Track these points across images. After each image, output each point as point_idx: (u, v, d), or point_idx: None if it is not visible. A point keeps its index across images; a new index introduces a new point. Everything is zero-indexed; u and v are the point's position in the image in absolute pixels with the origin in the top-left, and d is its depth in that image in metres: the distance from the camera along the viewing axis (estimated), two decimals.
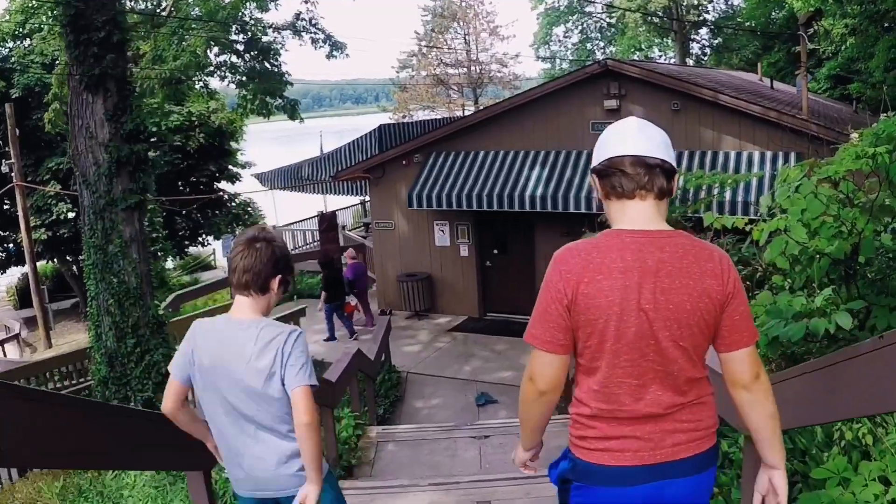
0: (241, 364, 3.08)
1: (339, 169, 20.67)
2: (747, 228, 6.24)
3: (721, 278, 2.31)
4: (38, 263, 23.71)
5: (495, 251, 17.38)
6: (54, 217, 24.08)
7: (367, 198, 20.48)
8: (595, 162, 2.45)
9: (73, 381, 12.38)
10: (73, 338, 22.30)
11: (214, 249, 32.25)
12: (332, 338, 16.42)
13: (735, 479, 5.06)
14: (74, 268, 26.32)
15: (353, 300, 17.20)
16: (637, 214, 2.35)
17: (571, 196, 14.63)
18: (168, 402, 3.23)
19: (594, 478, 2.39)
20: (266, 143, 67.20)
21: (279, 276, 3.17)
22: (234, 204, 30.02)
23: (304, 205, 30.66)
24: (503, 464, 7.86)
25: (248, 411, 3.14)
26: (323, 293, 16.59)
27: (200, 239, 30.15)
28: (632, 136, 2.37)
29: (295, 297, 20.17)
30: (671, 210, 10.21)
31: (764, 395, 2.39)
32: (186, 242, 30.15)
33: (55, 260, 27.41)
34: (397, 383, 13.63)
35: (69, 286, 27.55)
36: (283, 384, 3.08)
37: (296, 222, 27.58)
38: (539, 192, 15.01)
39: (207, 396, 3.20)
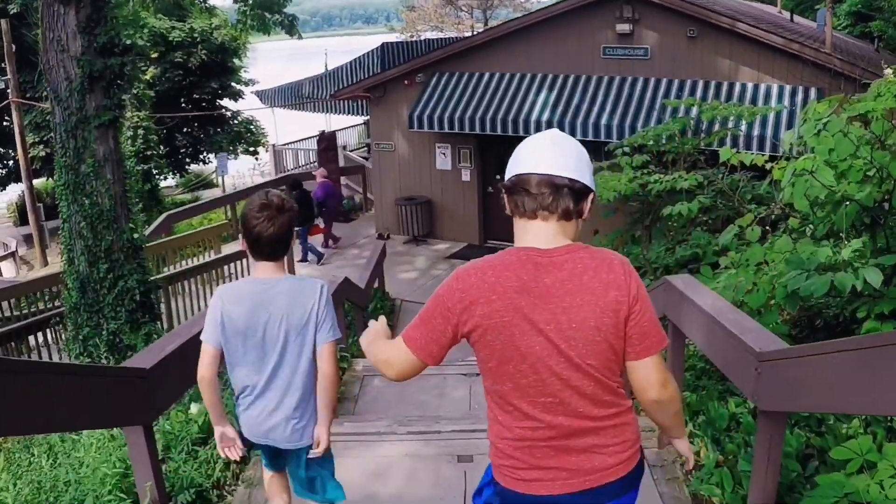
0: (273, 318, 3.20)
1: (340, 87, 19.86)
2: (767, 167, 5.64)
3: (624, 288, 2.23)
4: (37, 180, 23.13)
5: (498, 177, 16.70)
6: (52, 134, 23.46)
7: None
8: (506, 177, 2.34)
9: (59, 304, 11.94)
10: None
11: (217, 167, 31.62)
12: (319, 258, 15.94)
13: (743, 446, 4.55)
14: None
15: (320, 222, 16.66)
16: (538, 235, 2.25)
17: (579, 123, 13.95)
18: (205, 370, 3.29)
19: None
20: (272, 62, 65.78)
21: (295, 231, 3.37)
22: (236, 122, 29.26)
23: (306, 124, 29.72)
24: None
25: (272, 362, 3.26)
26: None
27: (202, 157, 29.44)
28: (542, 153, 2.27)
29: None
30: (684, 142, 9.60)
31: (672, 399, 2.37)
32: (188, 160, 29.51)
33: (54, 177, 26.84)
34: (390, 311, 13.13)
35: None
36: (315, 336, 3.24)
37: (296, 141, 26.71)
38: (545, 117, 14.32)
39: (235, 352, 3.29)
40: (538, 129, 14.32)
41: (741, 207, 7.35)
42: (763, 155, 6.01)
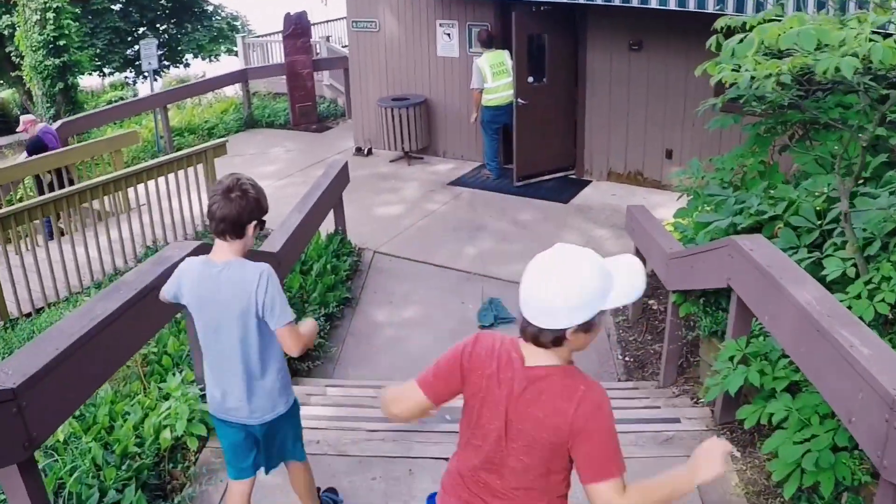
0: (215, 303, 3.09)
1: None
2: None
3: (569, 419, 2.16)
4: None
5: (531, 79, 10.69)
6: None
7: None
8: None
9: None
10: None
11: (205, 73, 25.75)
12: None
13: None
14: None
15: None
16: (524, 348, 2.27)
17: None
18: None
19: None
20: None
21: (254, 221, 3.11)
22: (218, 17, 23.33)
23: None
24: None
25: (223, 345, 3.13)
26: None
27: (180, 59, 23.60)
28: (531, 292, 2.17)
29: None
30: None
31: None
32: (166, 63, 23.76)
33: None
34: (350, 275, 7.62)
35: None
36: (260, 319, 3.05)
37: (272, 34, 20.45)
38: None
39: (199, 326, 3.21)
40: None
41: None
42: None
